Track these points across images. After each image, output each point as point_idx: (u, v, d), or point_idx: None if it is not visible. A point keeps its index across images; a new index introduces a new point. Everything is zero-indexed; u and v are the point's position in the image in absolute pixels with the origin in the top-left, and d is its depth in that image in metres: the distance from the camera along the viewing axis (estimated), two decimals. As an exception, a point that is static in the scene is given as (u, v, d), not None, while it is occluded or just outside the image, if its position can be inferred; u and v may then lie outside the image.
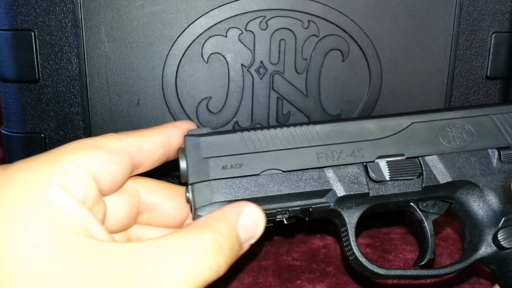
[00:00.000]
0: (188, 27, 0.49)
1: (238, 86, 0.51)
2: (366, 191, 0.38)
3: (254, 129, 0.39)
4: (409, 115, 0.40)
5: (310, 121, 0.41)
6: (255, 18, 0.50)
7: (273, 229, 0.40)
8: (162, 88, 0.51)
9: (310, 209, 0.38)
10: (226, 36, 0.50)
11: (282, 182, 0.37)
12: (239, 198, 0.36)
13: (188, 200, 0.38)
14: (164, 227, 0.41)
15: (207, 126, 0.48)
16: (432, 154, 0.39)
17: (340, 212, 0.38)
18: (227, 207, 0.34)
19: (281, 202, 0.37)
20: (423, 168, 0.39)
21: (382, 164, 0.38)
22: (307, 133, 0.39)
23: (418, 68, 0.53)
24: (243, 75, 0.51)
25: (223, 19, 0.49)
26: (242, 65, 0.51)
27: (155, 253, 0.29)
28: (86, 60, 0.49)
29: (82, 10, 0.48)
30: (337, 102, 0.53)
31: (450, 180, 0.39)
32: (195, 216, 0.37)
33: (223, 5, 0.49)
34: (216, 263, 0.30)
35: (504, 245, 0.37)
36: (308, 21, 0.51)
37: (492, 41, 0.53)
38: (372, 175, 0.38)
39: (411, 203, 0.40)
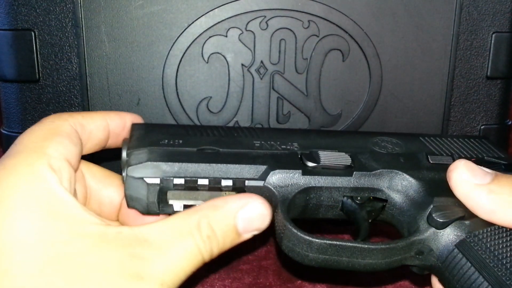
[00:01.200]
0: (188, 27, 0.49)
1: (238, 86, 0.52)
2: (299, 170, 0.39)
3: (199, 125, 0.41)
4: (343, 131, 0.45)
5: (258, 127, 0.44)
6: (255, 18, 0.50)
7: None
8: (162, 88, 0.51)
9: (244, 187, 0.38)
10: (226, 36, 0.50)
11: (217, 157, 0.38)
12: (173, 163, 0.37)
13: (123, 178, 0.38)
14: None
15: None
16: (364, 152, 0.42)
17: (273, 190, 0.39)
18: (233, 197, 0.35)
19: (211, 173, 0.38)
20: (354, 161, 0.41)
21: (316, 153, 0.40)
22: (249, 130, 0.42)
23: (419, 68, 0.53)
24: (243, 75, 0.51)
25: (223, 19, 0.49)
26: (242, 65, 0.51)
27: (161, 237, 0.32)
28: (86, 60, 0.49)
29: (82, 10, 0.48)
30: (337, 102, 0.53)
31: (380, 169, 0.40)
32: (128, 179, 0.37)
33: (223, 5, 0.49)
34: (208, 250, 0.34)
35: (438, 219, 0.37)
36: (308, 21, 0.51)
37: (493, 41, 0.53)
38: (305, 161, 0.40)
39: (347, 197, 0.41)
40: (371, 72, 0.52)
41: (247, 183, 0.38)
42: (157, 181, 0.36)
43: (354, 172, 0.40)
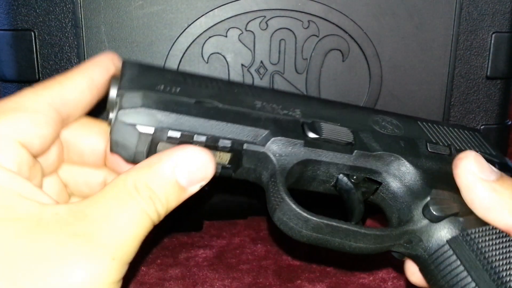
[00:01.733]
0: (188, 27, 0.49)
1: (238, 86, 0.52)
2: (301, 141, 0.37)
3: (198, 73, 0.38)
4: (345, 103, 0.43)
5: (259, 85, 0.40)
6: (255, 18, 0.50)
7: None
8: (162, 88, 0.51)
9: (242, 151, 0.36)
10: (226, 36, 0.50)
11: (216, 113, 0.35)
12: (169, 113, 0.34)
13: (109, 120, 0.35)
14: (80, 165, 0.39)
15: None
16: (365, 130, 0.40)
17: (271, 158, 0.36)
18: (167, 152, 0.33)
19: (210, 130, 0.35)
20: (356, 138, 0.39)
21: (318, 124, 0.38)
22: (251, 88, 0.39)
23: (418, 68, 0.53)
24: (243, 75, 0.51)
25: (223, 19, 0.49)
26: (242, 65, 0.51)
27: (102, 208, 0.30)
28: (86, 60, 0.49)
29: (82, 10, 0.48)
30: (337, 102, 0.53)
31: (381, 151, 0.39)
32: (117, 123, 0.33)
33: (223, 5, 0.49)
34: (154, 211, 0.32)
35: (435, 212, 0.37)
36: (308, 21, 0.51)
37: (492, 41, 0.53)
38: (308, 132, 0.38)
39: (343, 174, 0.40)
40: (371, 72, 0.52)
41: (245, 146, 0.36)
42: (151, 130, 0.33)
43: (355, 151, 0.38)
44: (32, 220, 0.29)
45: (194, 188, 0.34)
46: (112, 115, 0.34)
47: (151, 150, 0.34)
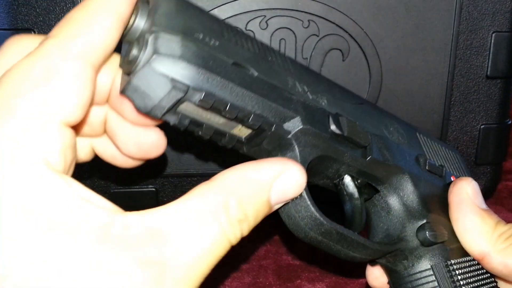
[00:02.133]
0: (188, 26, 0.49)
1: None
2: (327, 135, 0.35)
3: (233, 26, 0.34)
4: (360, 97, 0.41)
5: (288, 56, 0.37)
6: (255, 18, 0.50)
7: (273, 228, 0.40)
8: (162, 88, 0.51)
9: (268, 130, 0.33)
10: (226, 36, 0.50)
11: (252, 83, 0.32)
12: (207, 72, 0.29)
13: (131, 56, 0.29)
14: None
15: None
16: (379, 135, 0.40)
17: (295, 146, 0.34)
18: (265, 164, 0.28)
19: (245, 103, 0.31)
20: (372, 142, 0.38)
21: (342, 119, 0.36)
22: (282, 58, 0.36)
23: (418, 67, 0.53)
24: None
25: (223, 18, 0.49)
26: (242, 64, 0.51)
27: (180, 226, 0.25)
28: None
29: (82, 9, 0.48)
30: (337, 101, 0.53)
31: (392, 163, 0.39)
32: (147, 68, 0.28)
33: (223, 4, 0.49)
34: (238, 234, 0.28)
35: (430, 238, 0.37)
36: (308, 20, 0.51)
37: (492, 41, 0.53)
38: (332, 125, 0.35)
39: (348, 175, 0.39)
40: (371, 72, 0.52)
41: (273, 128, 0.33)
42: (185, 88, 0.28)
43: (370, 157, 0.37)
44: (98, 233, 0.24)
45: (277, 207, 0.31)
46: (138, 54, 0.28)
47: (173, 108, 0.30)
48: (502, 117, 0.57)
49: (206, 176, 0.45)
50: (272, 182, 0.28)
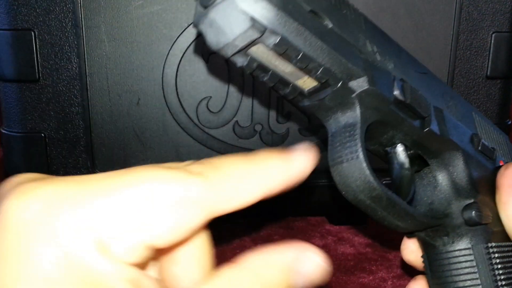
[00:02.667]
0: (188, 26, 0.49)
1: (238, 86, 0.51)
2: (390, 97, 0.34)
3: None
4: (424, 66, 0.40)
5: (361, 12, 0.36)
6: (255, 18, 0.50)
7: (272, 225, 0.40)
8: (162, 88, 0.51)
9: (333, 86, 0.32)
10: (226, 36, 0.50)
11: (326, 34, 0.31)
12: (286, 16, 0.28)
13: None
14: None
15: (207, 126, 0.47)
16: (439, 107, 0.39)
17: (357, 106, 0.33)
18: (283, 249, 0.27)
19: (316, 54, 0.31)
20: (431, 114, 0.37)
21: (406, 85, 0.36)
22: (356, 14, 0.35)
23: (418, 67, 0.53)
24: (243, 75, 0.51)
25: (223, 18, 0.49)
26: (242, 65, 0.51)
27: None
28: (86, 59, 0.49)
29: (82, 9, 0.48)
30: (337, 101, 0.53)
31: (449, 137, 0.38)
32: (228, 3, 0.27)
33: (223, 4, 0.49)
34: None
35: (476, 218, 0.37)
36: (308, 20, 0.51)
37: (492, 41, 0.53)
38: (396, 91, 0.35)
39: (403, 144, 0.38)
40: (371, 72, 0.52)
41: (340, 84, 0.32)
42: (262, 29, 0.28)
43: (428, 128, 0.36)
44: None
45: None
46: None
47: (245, 48, 0.29)
48: (502, 117, 0.57)
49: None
50: (294, 267, 0.26)
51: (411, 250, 0.41)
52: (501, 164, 0.42)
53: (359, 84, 0.33)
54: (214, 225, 0.30)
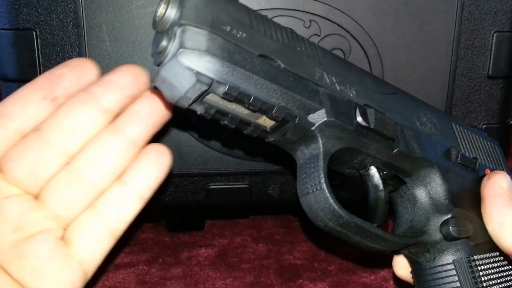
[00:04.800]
0: (189, 26, 0.49)
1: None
2: (352, 127, 0.35)
3: (263, 15, 0.34)
4: (394, 86, 0.41)
5: (319, 45, 0.37)
6: (257, 18, 0.50)
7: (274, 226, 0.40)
8: (164, 88, 0.51)
9: (292, 122, 0.34)
10: (227, 36, 0.50)
11: (277, 75, 0.32)
12: (232, 66, 0.30)
13: (160, 48, 0.30)
14: None
15: (207, 125, 0.47)
16: (409, 126, 0.39)
17: (318, 138, 0.35)
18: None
19: (269, 96, 0.32)
20: (400, 134, 0.38)
21: (370, 111, 0.37)
22: (312, 48, 0.36)
23: (420, 67, 0.53)
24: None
25: (225, 18, 0.49)
26: (243, 64, 0.51)
27: None
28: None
29: (83, 9, 0.48)
30: (339, 101, 0.53)
31: (420, 155, 0.38)
32: (173, 62, 0.29)
33: (224, 4, 0.49)
34: None
35: (453, 233, 0.37)
36: (310, 20, 0.51)
37: (494, 41, 0.53)
38: (358, 117, 0.36)
39: (374, 167, 0.39)
40: (373, 72, 0.52)
41: (297, 120, 0.33)
42: (209, 81, 0.30)
43: (397, 149, 0.37)
44: None
45: None
46: (167, 45, 0.30)
47: (199, 99, 0.31)
48: (504, 117, 0.57)
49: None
50: None
51: (401, 266, 0.42)
52: (486, 173, 0.42)
53: (318, 117, 0.34)
54: (216, 224, 0.32)
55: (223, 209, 0.61)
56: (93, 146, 0.36)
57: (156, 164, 0.37)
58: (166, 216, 0.61)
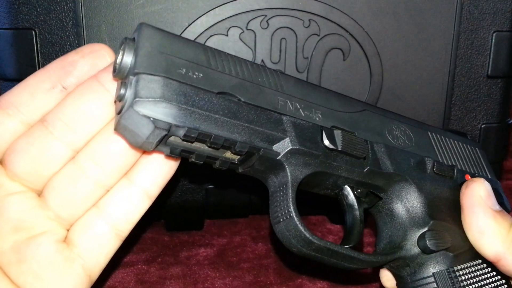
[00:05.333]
0: (189, 26, 0.49)
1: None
2: (319, 152, 0.35)
3: (221, 51, 0.35)
4: (363, 103, 0.41)
5: (279, 71, 0.37)
6: (256, 17, 0.50)
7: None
8: (163, 87, 0.51)
9: (257, 154, 0.34)
10: (227, 35, 0.50)
11: (237, 111, 0.32)
12: (189, 108, 0.30)
13: (119, 96, 0.31)
14: None
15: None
16: (380, 143, 0.39)
17: (285, 167, 0.35)
18: None
19: (230, 132, 0.32)
20: (370, 152, 0.38)
21: (337, 133, 0.37)
22: (274, 77, 0.36)
23: (419, 67, 0.53)
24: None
25: (224, 18, 0.49)
26: (243, 64, 0.51)
27: None
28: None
29: (83, 9, 0.48)
30: (338, 101, 0.53)
31: (391, 171, 0.39)
32: (130, 112, 0.29)
33: (223, 4, 0.49)
34: None
35: (430, 246, 0.38)
36: (309, 20, 0.51)
37: (493, 40, 0.53)
38: (325, 141, 0.36)
39: (348, 186, 0.39)
40: (372, 71, 0.52)
41: (262, 152, 0.34)
42: (167, 126, 0.30)
43: (367, 167, 0.38)
44: None
45: None
46: (125, 93, 0.30)
47: (162, 141, 0.32)
48: (503, 116, 0.57)
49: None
50: None
51: (388, 278, 0.42)
52: (466, 179, 0.42)
53: (283, 146, 0.34)
54: (216, 223, 0.32)
55: (222, 208, 0.61)
56: (98, 140, 0.34)
57: (165, 161, 0.35)
58: (165, 216, 0.61)
